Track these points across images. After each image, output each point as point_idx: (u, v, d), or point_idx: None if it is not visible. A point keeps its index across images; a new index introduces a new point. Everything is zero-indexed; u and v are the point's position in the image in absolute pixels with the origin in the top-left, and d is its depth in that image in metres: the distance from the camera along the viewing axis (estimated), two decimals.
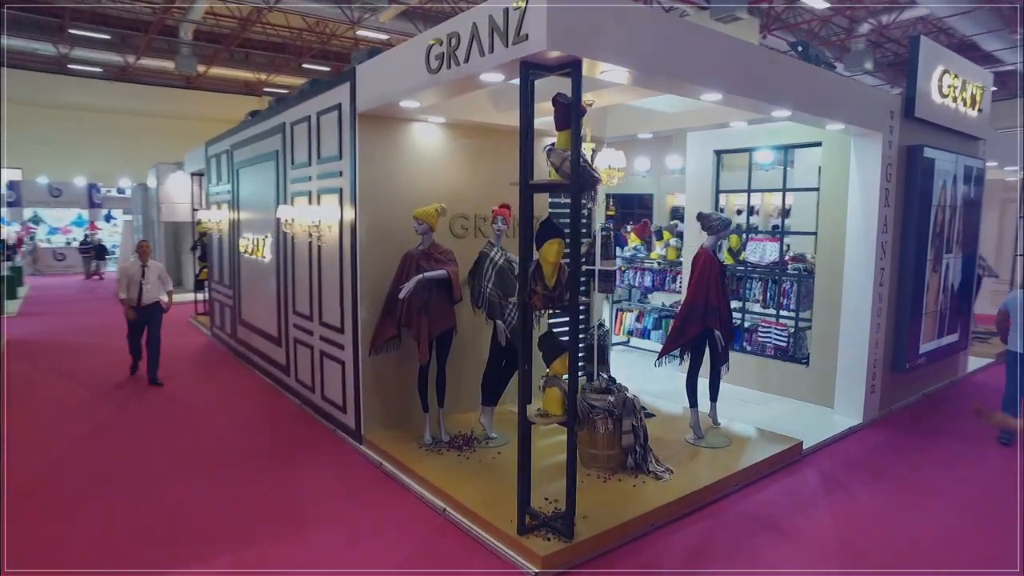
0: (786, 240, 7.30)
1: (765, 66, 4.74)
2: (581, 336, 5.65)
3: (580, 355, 5.18)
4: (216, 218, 9.36)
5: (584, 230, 7.25)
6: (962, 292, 7.59)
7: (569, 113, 3.61)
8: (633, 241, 9.23)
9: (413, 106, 4.91)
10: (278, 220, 6.71)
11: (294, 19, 18.92)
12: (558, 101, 3.61)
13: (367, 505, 4.59)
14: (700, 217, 5.39)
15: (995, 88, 10.58)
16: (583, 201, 3.62)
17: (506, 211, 5.34)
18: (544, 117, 6.17)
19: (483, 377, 5.49)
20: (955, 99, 6.68)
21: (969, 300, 7.80)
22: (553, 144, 3.74)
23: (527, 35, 3.42)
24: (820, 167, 7.02)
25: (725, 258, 7.82)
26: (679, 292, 8.36)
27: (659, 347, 8.68)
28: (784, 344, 6.98)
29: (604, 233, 5.47)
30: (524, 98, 3.62)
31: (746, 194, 7.44)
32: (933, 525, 4.36)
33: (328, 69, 21.57)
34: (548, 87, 5.06)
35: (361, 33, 18.62)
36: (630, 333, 9.03)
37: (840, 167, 6.30)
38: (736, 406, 6.40)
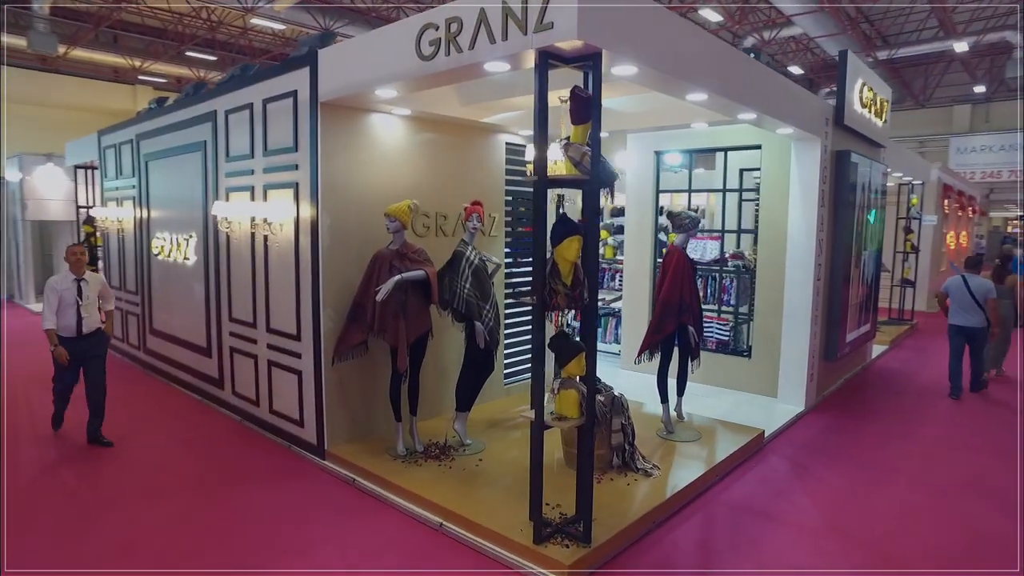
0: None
1: (746, 71, 4.92)
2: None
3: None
4: (115, 216, 8.32)
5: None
6: (872, 286, 8.35)
7: (586, 107, 3.52)
8: None
9: (390, 95, 4.60)
10: (213, 218, 6.07)
11: (176, 2, 17.34)
12: (576, 94, 3.50)
13: (352, 525, 4.23)
14: (670, 216, 5.49)
15: None
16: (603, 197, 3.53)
17: (479, 208, 5.16)
18: (506, 113, 6.08)
19: (458, 381, 5.27)
20: (869, 109, 7.32)
21: (877, 293, 8.60)
22: (568, 139, 3.63)
23: (552, 23, 3.29)
24: (753, 169, 7.43)
25: None
26: (619, 290, 8.53)
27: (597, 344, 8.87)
28: (726, 338, 7.31)
29: None
30: (542, 90, 3.48)
31: (687, 194, 7.70)
32: (898, 499, 4.70)
33: (215, 58, 20.00)
34: (506, 80, 4.97)
35: (255, 21, 17.46)
36: None
37: (780, 169, 6.68)
38: (686, 400, 6.58)
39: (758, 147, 6.85)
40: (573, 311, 3.98)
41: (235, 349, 6.15)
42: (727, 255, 7.43)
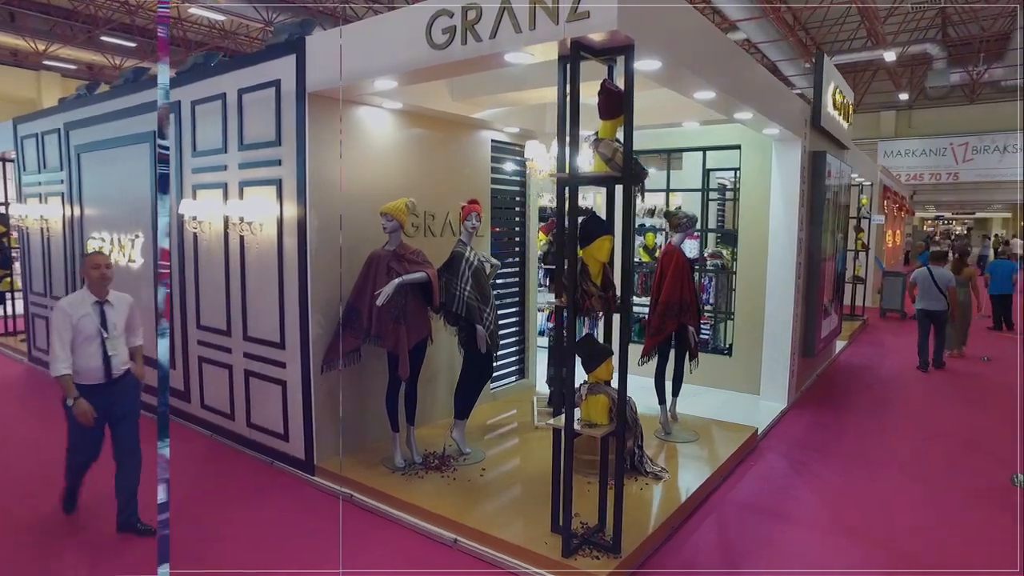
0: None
1: (748, 69, 4.91)
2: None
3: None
4: (38, 214, 7.57)
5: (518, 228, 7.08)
6: (839, 283, 8.63)
7: (617, 101, 3.38)
8: (541, 239, 9.16)
9: (389, 86, 4.33)
10: (179, 216, 5.59)
11: None
12: (606, 88, 3.36)
13: (356, 543, 3.93)
14: (667, 216, 5.44)
15: None
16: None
17: (477, 207, 4.94)
18: (492, 110, 5.89)
19: (457, 388, 5.04)
20: (840, 112, 7.53)
21: (842, 290, 8.88)
22: (596, 134, 3.49)
23: (588, 13, 3.14)
24: (720, 169, 7.51)
25: (641, 255, 8.09)
26: None
27: None
28: (707, 337, 7.35)
29: None
30: (574, 82, 3.33)
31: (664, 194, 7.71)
32: (891, 492, 4.81)
33: (134, 45, 18.59)
34: (504, 74, 4.81)
35: (192, 11, 16.49)
36: (541, 333, 8.94)
37: (759, 169, 6.76)
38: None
39: (737, 147, 6.91)
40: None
41: (204, 359, 5.70)
42: (706, 254, 7.48)
